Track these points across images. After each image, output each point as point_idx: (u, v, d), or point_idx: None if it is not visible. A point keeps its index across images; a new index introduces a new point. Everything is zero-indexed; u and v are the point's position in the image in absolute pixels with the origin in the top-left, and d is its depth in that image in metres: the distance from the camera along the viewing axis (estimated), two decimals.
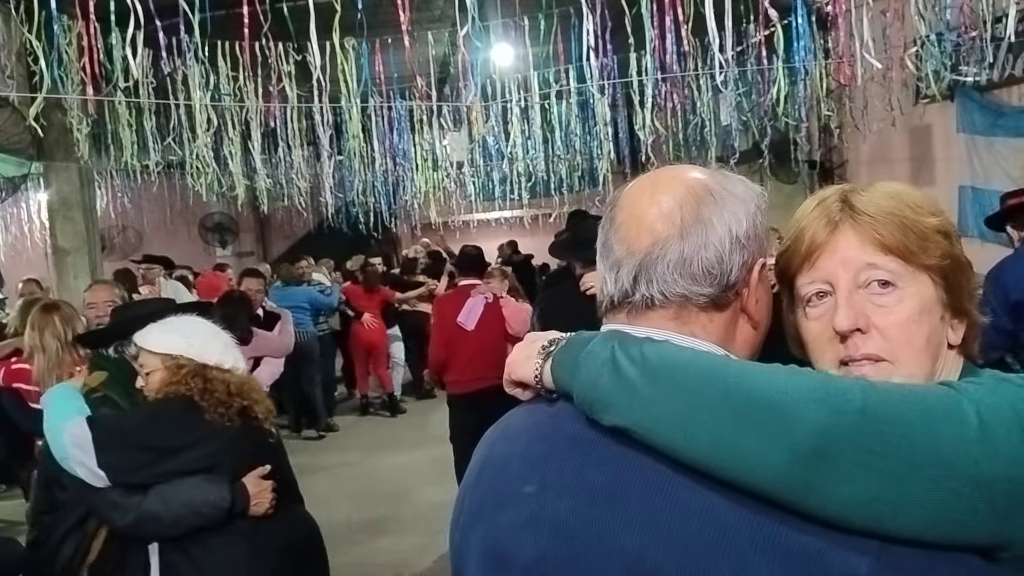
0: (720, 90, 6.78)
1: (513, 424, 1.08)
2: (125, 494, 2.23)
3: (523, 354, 1.06)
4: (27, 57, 6.96)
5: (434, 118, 8.67)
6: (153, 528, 2.24)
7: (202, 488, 2.27)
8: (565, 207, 12.10)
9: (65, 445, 2.22)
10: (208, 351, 2.40)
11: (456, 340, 5.21)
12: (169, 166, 10.04)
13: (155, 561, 2.29)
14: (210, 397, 2.32)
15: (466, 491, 1.10)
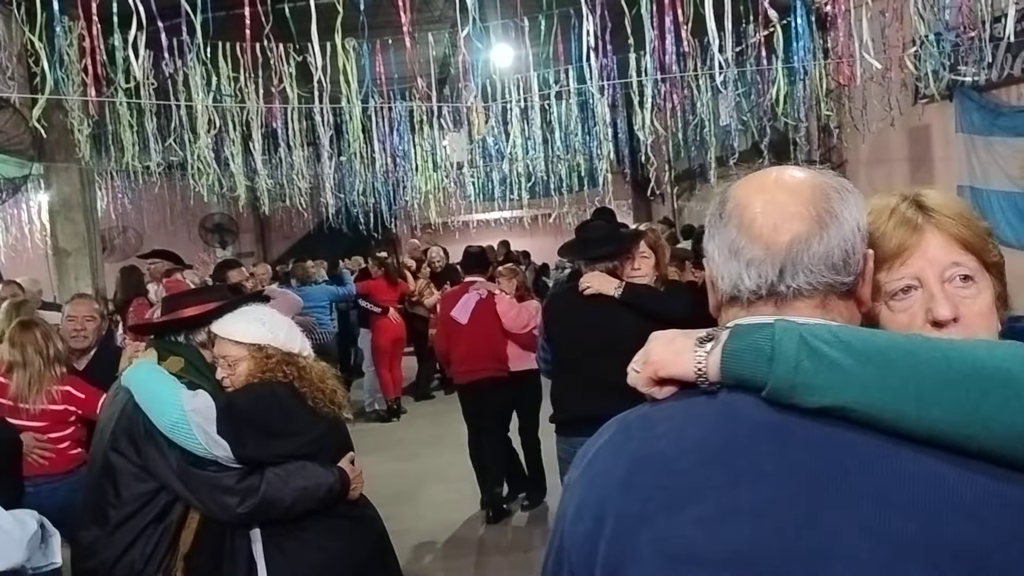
0: (720, 90, 6.80)
1: (660, 419, 1.06)
2: (242, 479, 2.23)
3: (671, 351, 1.07)
4: (28, 58, 6.99)
5: (434, 119, 8.68)
6: (272, 513, 2.26)
7: (314, 472, 2.31)
8: (564, 207, 12.13)
9: (184, 412, 2.20)
10: (291, 340, 2.43)
11: (454, 334, 5.67)
12: (170, 167, 10.05)
13: (259, 547, 2.30)
14: (308, 383, 2.35)
15: (607, 498, 1.03)
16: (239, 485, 2.23)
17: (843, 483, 0.91)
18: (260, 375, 2.35)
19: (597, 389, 3.29)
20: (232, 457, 2.23)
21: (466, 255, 6.09)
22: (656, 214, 15.70)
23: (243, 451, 2.24)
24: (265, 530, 2.30)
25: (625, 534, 1.00)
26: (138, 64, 4.99)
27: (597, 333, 3.45)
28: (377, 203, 11.82)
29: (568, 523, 1.08)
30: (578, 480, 1.11)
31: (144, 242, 13.62)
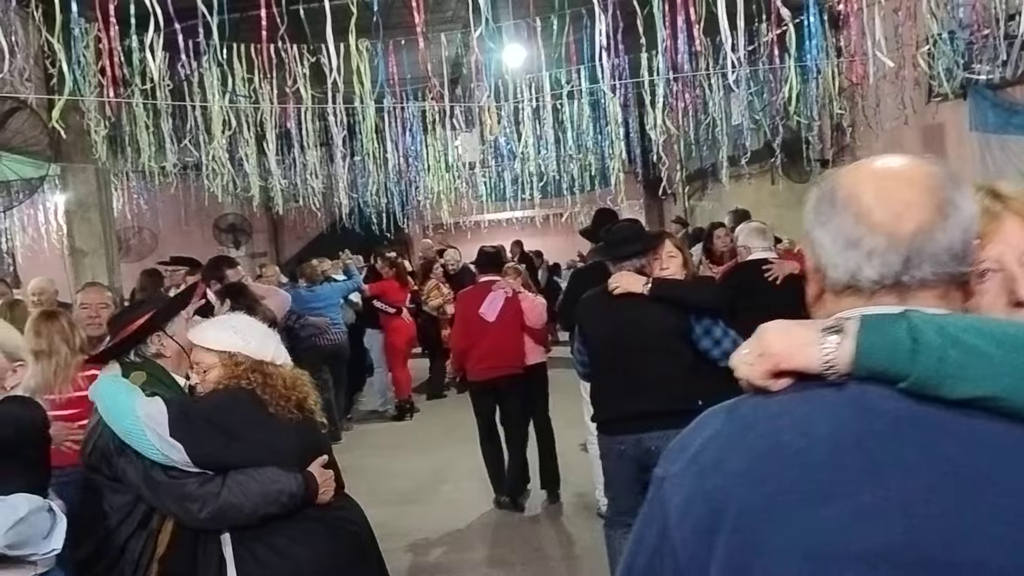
0: (732, 89, 6.79)
1: (779, 411, 1.03)
2: (202, 485, 2.26)
3: (795, 344, 1.03)
4: (45, 60, 7.06)
5: (447, 119, 8.71)
6: (234, 518, 2.28)
7: (277, 477, 2.31)
8: (576, 207, 12.14)
9: (138, 418, 2.25)
10: (263, 348, 2.47)
11: (476, 331, 5.66)
12: (185, 168, 10.12)
13: (229, 551, 2.34)
14: (272, 391, 2.37)
15: (725, 492, 1.00)
16: (199, 491, 2.26)
17: (989, 474, 0.91)
18: (227, 381, 2.40)
19: (636, 386, 3.50)
20: (188, 460, 2.25)
21: (482, 254, 6.15)
22: (668, 214, 15.69)
23: (199, 451, 2.26)
24: (235, 534, 2.33)
25: (752, 529, 0.97)
26: (155, 65, 5.04)
27: (630, 331, 3.53)
28: (390, 203, 11.85)
29: (674, 518, 1.04)
30: (681, 474, 1.06)
31: (159, 243, 13.72)
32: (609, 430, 3.64)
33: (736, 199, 13.00)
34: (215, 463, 2.29)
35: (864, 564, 0.91)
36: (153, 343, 2.63)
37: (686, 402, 3.36)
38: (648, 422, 3.42)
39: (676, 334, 3.55)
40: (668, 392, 3.43)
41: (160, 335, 2.64)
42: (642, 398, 3.47)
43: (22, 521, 2.00)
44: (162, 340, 2.64)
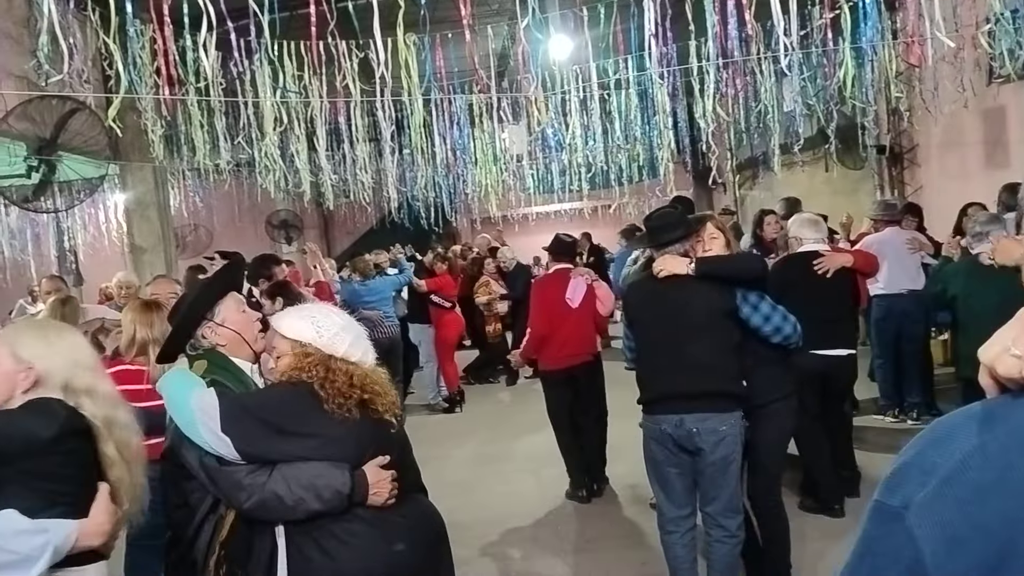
0: (786, 73, 6.65)
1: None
2: (251, 474, 2.27)
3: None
4: (102, 62, 7.26)
5: (494, 111, 8.72)
6: (276, 509, 2.27)
7: (324, 473, 2.30)
8: (625, 198, 12.05)
9: (192, 410, 2.28)
10: (337, 343, 2.42)
11: (559, 317, 5.67)
12: (238, 166, 10.32)
13: (282, 543, 2.34)
14: (330, 387, 2.33)
15: (1013, 525, 0.76)
16: (247, 480, 2.27)
17: None
18: (293, 372, 2.39)
19: (680, 367, 3.49)
20: (237, 455, 2.27)
21: (558, 242, 6.14)
22: (718, 204, 15.50)
23: (247, 447, 2.26)
24: (288, 528, 2.34)
25: None
26: (208, 64, 5.14)
27: (676, 314, 3.52)
28: (438, 197, 11.93)
29: (933, 558, 0.81)
30: (933, 501, 0.83)
31: (214, 239, 14.03)
32: (652, 410, 3.62)
33: (788, 188, 12.78)
34: (263, 458, 2.30)
35: None
36: (206, 335, 2.65)
37: (730, 384, 3.51)
38: (691, 403, 3.43)
39: (722, 314, 3.52)
40: (713, 373, 3.44)
41: (209, 324, 2.65)
42: (687, 379, 3.47)
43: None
44: (214, 330, 2.65)
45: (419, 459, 2.75)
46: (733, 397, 3.48)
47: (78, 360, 2.30)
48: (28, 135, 6.52)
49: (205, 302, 2.69)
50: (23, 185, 7.02)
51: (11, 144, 6.47)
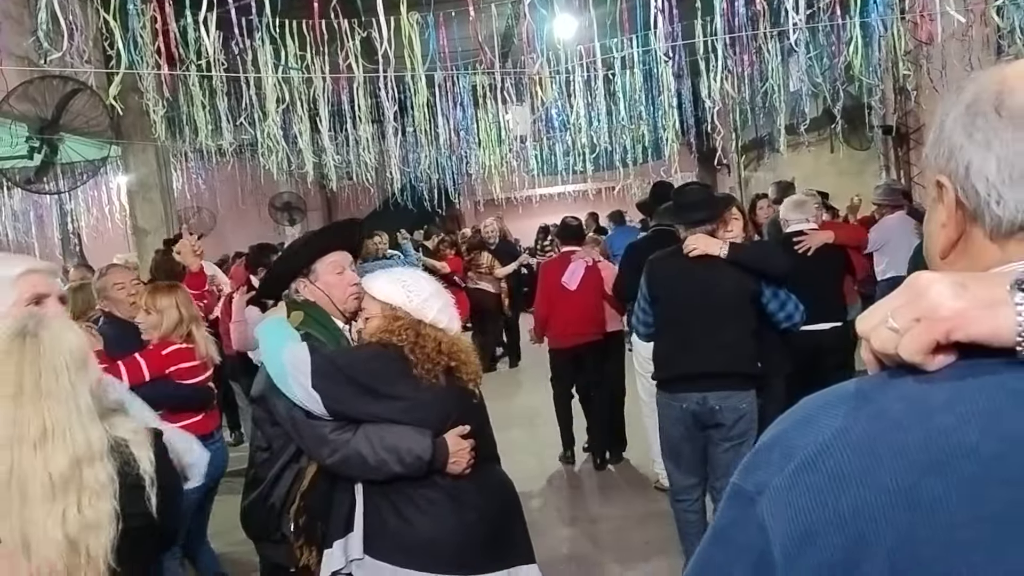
0: (795, 50, 6.58)
1: (947, 400, 0.71)
2: (336, 431, 2.31)
3: (977, 304, 0.71)
4: (103, 42, 7.21)
5: (498, 91, 8.65)
6: (358, 468, 2.31)
7: (407, 437, 2.31)
8: (629, 179, 11.98)
9: (283, 364, 2.30)
10: (426, 308, 2.44)
11: (558, 300, 5.85)
12: (240, 148, 10.28)
13: (360, 500, 2.38)
14: (420, 352, 2.35)
15: (876, 515, 0.69)
16: (331, 436, 2.31)
17: None
18: (382, 335, 2.41)
19: (706, 346, 3.58)
20: (324, 412, 2.30)
21: (565, 226, 6.35)
22: (722, 185, 15.42)
23: (336, 405, 2.30)
24: (367, 488, 2.37)
25: (922, 568, 0.67)
26: (209, 41, 5.10)
27: (705, 293, 3.60)
28: (441, 179, 11.88)
29: (782, 551, 0.74)
30: (789, 488, 0.75)
31: (217, 221, 14.01)
32: (672, 388, 3.68)
33: (793, 169, 12.71)
34: (349, 416, 2.33)
35: None
36: (299, 288, 2.63)
37: (749, 365, 3.62)
38: (714, 382, 3.52)
39: (746, 297, 3.62)
40: (734, 354, 3.54)
41: (303, 280, 2.63)
42: (710, 358, 3.55)
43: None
44: (306, 286, 2.62)
45: None
46: (752, 377, 3.61)
47: None
48: (29, 116, 6.48)
49: (302, 258, 2.66)
50: (25, 167, 7.00)
51: (13, 125, 6.43)
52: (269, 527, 2.49)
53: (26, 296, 1.81)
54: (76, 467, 1.52)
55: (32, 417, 1.51)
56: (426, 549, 2.31)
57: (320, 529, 2.40)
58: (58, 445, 1.51)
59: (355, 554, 2.32)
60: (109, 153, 7.83)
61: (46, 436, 1.51)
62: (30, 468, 1.49)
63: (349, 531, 2.35)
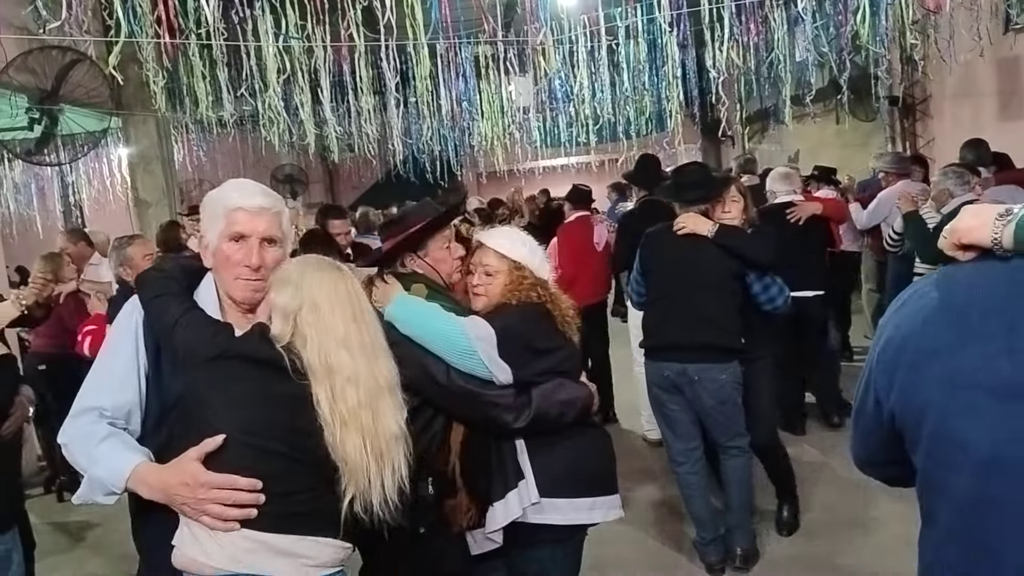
0: (801, 18, 6.50)
1: (960, 279, 1.30)
2: (516, 396, 2.38)
3: (976, 221, 1.26)
4: (102, 12, 7.14)
5: (501, 62, 8.57)
6: (542, 425, 2.41)
7: (569, 387, 2.48)
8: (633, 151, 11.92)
9: (470, 338, 2.30)
10: (543, 269, 2.59)
11: (585, 260, 6.17)
12: (241, 119, 10.22)
13: (522, 448, 2.46)
14: (560, 308, 2.52)
15: (908, 336, 1.32)
16: (515, 402, 2.37)
17: None
18: (513, 292, 2.50)
19: (688, 319, 3.77)
20: (512, 380, 2.35)
21: (576, 191, 6.66)
22: (726, 157, 15.33)
23: (521, 371, 2.37)
24: (528, 438, 2.47)
25: (920, 364, 1.29)
26: (209, 10, 5.04)
27: (690, 269, 3.78)
28: (443, 150, 11.81)
29: (877, 353, 1.39)
30: (889, 321, 1.39)
31: None
32: (656, 356, 3.91)
33: (798, 140, 12.64)
34: (527, 379, 2.39)
35: (987, 394, 1.20)
36: (406, 263, 2.60)
37: (730, 339, 3.77)
38: (694, 353, 3.72)
39: (730, 276, 3.77)
40: (715, 328, 3.74)
41: (411, 256, 2.59)
42: (691, 330, 3.74)
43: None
44: (415, 260, 2.59)
45: None
46: (732, 351, 3.77)
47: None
48: (29, 87, 6.45)
49: (430, 233, 2.60)
50: (26, 138, 6.97)
51: (12, 96, 6.40)
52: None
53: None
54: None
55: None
56: (590, 475, 2.54)
57: (484, 485, 2.47)
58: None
59: (533, 498, 2.42)
60: (110, 125, 7.80)
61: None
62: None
63: (520, 479, 2.43)
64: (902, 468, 1.39)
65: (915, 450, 1.34)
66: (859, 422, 1.49)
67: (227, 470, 1.73)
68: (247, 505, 1.73)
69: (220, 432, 1.75)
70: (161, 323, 1.91)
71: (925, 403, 1.28)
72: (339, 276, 1.91)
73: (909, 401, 1.31)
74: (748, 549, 3.94)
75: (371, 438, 1.80)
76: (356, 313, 1.88)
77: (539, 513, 2.43)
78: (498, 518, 2.42)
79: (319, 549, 1.79)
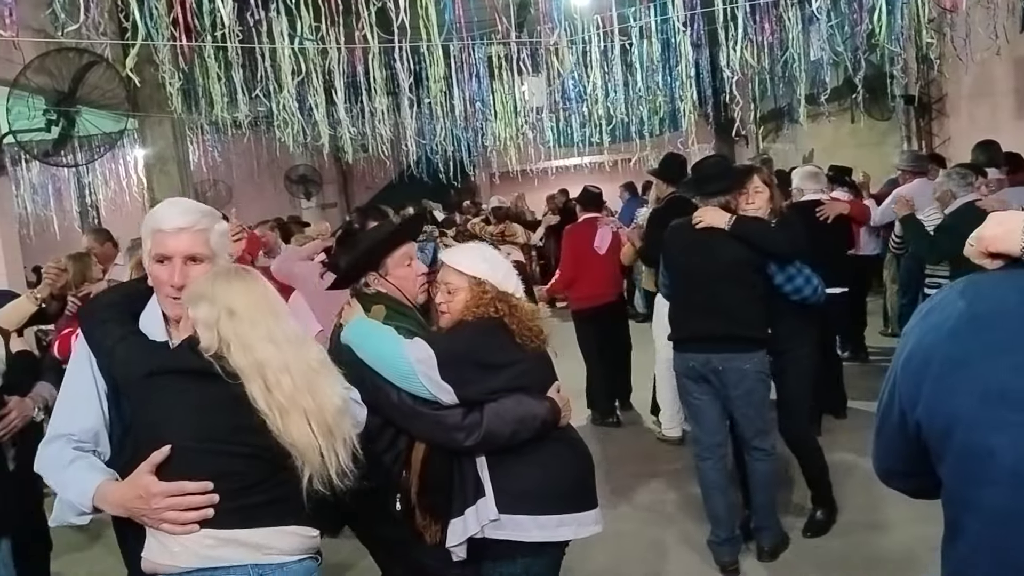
0: (816, 17, 6.47)
1: (987, 288, 1.31)
2: (465, 415, 2.40)
3: (1002, 230, 1.28)
4: (119, 14, 7.19)
5: (514, 62, 8.57)
6: (495, 443, 2.42)
7: (528, 404, 2.46)
8: (646, 151, 11.89)
9: (410, 362, 2.36)
10: (506, 280, 2.58)
11: (587, 263, 6.29)
12: (256, 120, 10.26)
13: (484, 468, 2.46)
14: (518, 321, 2.50)
15: (934, 346, 1.31)
16: (464, 422, 2.39)
17: None
18: (475, 308, 2.50)
19: (708, 310, 3.80)
20: (456, 400, 2.39)
21: (586, 193, 6.77)
22: (740, 157, 15.26)
23: (465, 392, 2.39)
24: (489, 455, 2.47)
25: (948, 375, 1.26)
26: (225, 12, 5.07)
27: (708, 261, 3.80)
28: (457, 151, 11.82)
29: (902, 363, 1.37)
30: (913, 329, 1.37)
31: (233, 195, 14.04)
32: (682, 348, 3.97)
33: (813, 140, 12.57)
34: (476, 399, 2.41)
35: (1016, 405, 1.18)
36: (369, 282, 2.66)
37: (754, 329, 3.79)
38: (717, 344, 3.75)
39: (751, 267, 3.79)
40: (737, 319, 3.75)
41: (374, 276, 2.66)
42: (715, 323, 3.77)
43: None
44: (378, 280, 2.66)
45: None
46: (756, 341, 3.79)
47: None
48: (46, 89, 6.50)
49: (377, 254, 2.67)
50: (43, 140, 7.02)
51: (30, 98, 6.45)
52: (374, 508, 2.53)
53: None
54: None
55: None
56: (557, 492, 2.50)
57: (442, 502, 2.50)
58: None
59: (491, 516, 2.43)
60: (126, 126, 7.85)
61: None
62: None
63: (480, 496, 2.44)
64: (927, 480, 1.36)
65: (941, 462, 1.30)
66: (882, 432, 1.46)
67: (182, 477, 1.84)
68: (202, 507, 1.83)
69: (168, 442, 1.85)
70: (101, 350, 2.03)
71: (952, 415, 1.25)
72: (249, 280, 2.02)
73: (935, 412, 1.28)
74: (775, 546, 3.99)
75: (316, 417, 1.90)
76: (273, 311, 1.99)
77: (499, 529, 2.43)
78: (457, 534, 2.47)
79: (281, 537, 1.90)
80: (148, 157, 9.27)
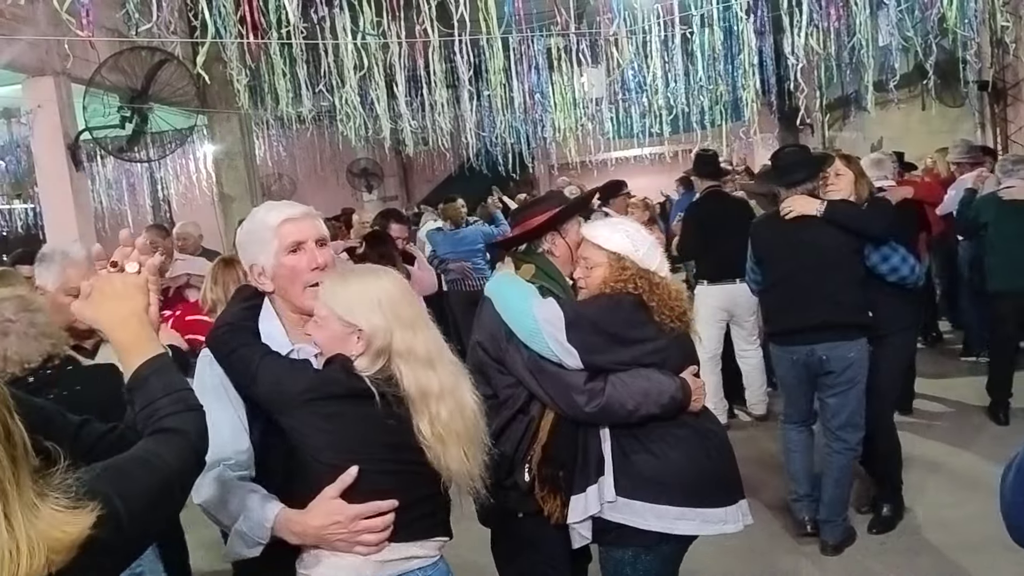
0: (884, 2, 6.30)
1: None
2: (589, 380, 2.36)
3: None
4: (188, 13, 7.40)
5: (573, 53, 8.55)
6: (616, 414, 2.37)
7: (657, 380, 2.39)
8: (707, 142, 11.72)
9: (536, 320, 2.35)
10: (650, 257, 2.51)
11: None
12: (319, 115, 10.45)
13: (608, 448, 2.43)
14: (658, 299, 2.42)
15: None
16: (586, 386, 2.35)
17: None
18: (613, 284, 2.45)
19: (809, 301, 3.78)
20: (580, 365, 2.35)
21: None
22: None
23: (590, 358, 2.35)
24: (614, 432, 2.43)
25: None
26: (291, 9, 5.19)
27: (806, 252, 3.78)
28: (516, 143, 11.85)
29: None
30: None
31: (297, 188, 14.33)
32: (782, 341, 3.96)
33: (882, 128, 12.22)
34: (603, 367, 2.38)
35: None
36: (547, 240, 2.67)
37: (856, 315, 3.78)
38: (820, 334, 3.73)
39: (850, 251, 3.77)
40: (839, 306, 3.72)
41: (554, 234, 2.66)
42: (814, 312, 3.75)
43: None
44: (555, 239, 2.66)
45: None
46: (860, 327, 3.77)
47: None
48: (120, 87, 6.73)
49: (568, 217, 2.68)
50: (118, 136, 7.29)
51: (105, 96, 6.69)
52: (500, 475, 2.41)
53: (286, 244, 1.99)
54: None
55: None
56: (679, 484, 2.39)
57: (563, 477, 2.45)
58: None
59: (608, 496, 2.38)
60: (196, 122, 8.09)
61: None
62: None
63: (600, 475, 2.41)
64: None
65: None
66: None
67: (364, 497, 1.81)
68: (389, 526, 1.83)
69: (336, 465, 1.81)
70: (243, 378, 1.94)
71: None
72: (405, 286, 1.95)
73: None
74: (841, 542, 3.94)
75: (465, 437, 1.87)
76: (423, 320, 1.91)
77: (616, 512, 2.38)
78: (578, 511, 2.42)
79: (428, 548, 1.91)
80: (217, 152, 9.55)
